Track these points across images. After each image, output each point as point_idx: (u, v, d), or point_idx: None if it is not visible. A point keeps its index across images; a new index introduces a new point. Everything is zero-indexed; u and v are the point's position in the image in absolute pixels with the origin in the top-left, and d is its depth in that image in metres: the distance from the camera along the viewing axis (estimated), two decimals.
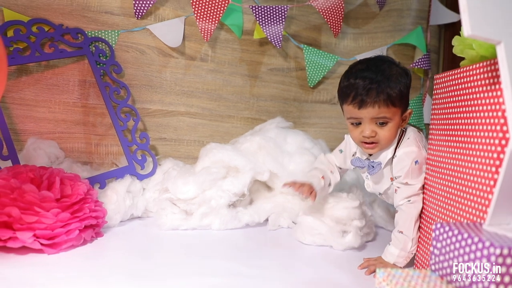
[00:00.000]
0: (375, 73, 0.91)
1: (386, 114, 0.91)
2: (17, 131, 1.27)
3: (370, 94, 0.90)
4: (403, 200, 0.92)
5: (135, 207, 1.18)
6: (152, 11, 1.39)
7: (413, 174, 0.92)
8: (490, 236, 0.52)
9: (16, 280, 0.74)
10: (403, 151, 0.94)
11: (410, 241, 0.90)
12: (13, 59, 1.19)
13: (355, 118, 0.94)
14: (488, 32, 0.55)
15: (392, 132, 0.94)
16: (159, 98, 1.44)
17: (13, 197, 0.85)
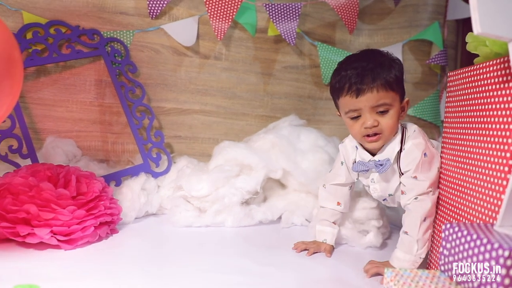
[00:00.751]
0: (366, 62, 0.87)
1: (386, 99, 0.86)
2: (36, 130, 1.31)
3: (365, 80, 0.85)
4: (410, 199, 0.87)
5: (150, 204, 1.20)
6: (166, 10, 1.41)
7: (423, 167, 0.86)
8: (500, 238, 0.51)
9: (34, 274, 0.76)
10: (412, 142, 0.88)
11: (415, 243, 0.83)
12: (31, 61, 1.23)
13: (354, 110, 0.88)
14: (499, 30, 0.54)
15: (394, 120, 0.88)
16: (174, 96, 1.46)
17: (31, 195, 0.88)
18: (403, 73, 0.91)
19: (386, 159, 0.90)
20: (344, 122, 0.93)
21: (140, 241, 1.01)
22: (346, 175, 1.01)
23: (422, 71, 1.58)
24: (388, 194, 0.95)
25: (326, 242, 0.99)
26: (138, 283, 0.76)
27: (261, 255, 0.95)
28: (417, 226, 0.84)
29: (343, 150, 1.00)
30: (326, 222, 1.01)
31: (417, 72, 1.58)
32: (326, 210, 1.02)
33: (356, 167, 0.94)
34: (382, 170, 0.90)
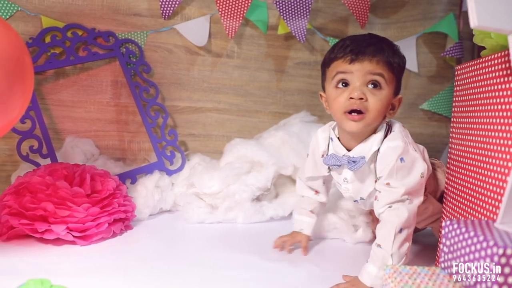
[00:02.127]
0: (370, 37, 0.81)
1: (384, 73, 0.77)
2: (57, 131, 1.36)
3: (366, 50, 0.76)
4: (384, 207, 0.77)
5: (164, 201, 1.23)
6: (178, 11, 1.43)
7: (398, 174, 0.77)
8: (498, 235, 0.51)
9: (51, 268, 0.80)
10: (387, 145, 0.79)
11: (389, 257, 0.73)
12: (50, 63, 1.27)
13: (343, 72, 0.77)
14: (498, 22, 0.53)
15: (383, 105, 0.77)
16: (187, 95, 1.49)
17: (48, 193, 0.92)
18: (404, 70, 0.84)
19: (361, 156, 0.80)
20: None
21: (153, 237, 1.04)
22: (312, 168, 0.93)
23: (437, 64, 1.55)
24: (359, 197, 0.87)
25: (303, 232, 0.96)
26: (150, 278, 0.79)
27: (271, 251, 0.96)
28: (391, 238, 0.74)
29: (315, 141, 0.92)
30: (304, 211, 0.97)
31: (432, 65, 1.55)
32: (304, 199, 0.98)
33: (328, 160, 0.84)
34: (354, 167, 0.80)
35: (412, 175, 0.78)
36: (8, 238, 0.92)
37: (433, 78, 1.56)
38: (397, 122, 0.85)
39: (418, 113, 1.59)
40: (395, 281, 0.55)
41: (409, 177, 0.78)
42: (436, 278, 0.56)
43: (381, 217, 0.78)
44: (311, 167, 0.93)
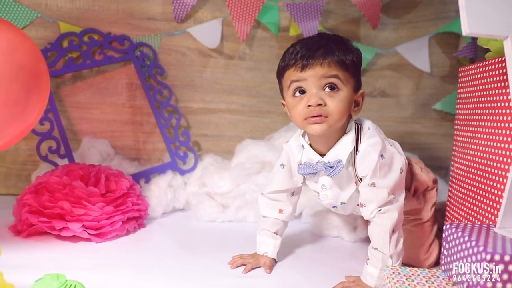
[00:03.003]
0: (319, 38, 0.78)
1: (339, 74, 0.74)
2: (74, 132, 1.41)
3: (315, 54, 0.73)
4: (373, 211, 0.76)
5: (177, 200, 1.26)
6: (191, 14, 1.46)
7: (382, 171, 0.75)
8: (493, 240, 0.52)
9: (67, 263, 0.85)
10: (367, 143, 0.76)
11: (389, 258, 0.74)
12: (68, 67, 1.32)
13: (297, 81, 0.75)
14: (491, 28, 0.54)
15: (344, 105, 0.74)
16: (200, 96, 1.52)
17: (65, 192, 0.96)
18: (361, 63, 0.81)
19: (337, 160, 0.77)
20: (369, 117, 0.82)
21: (166, 235, 1.08)
22: (285, 180, 0.88)
23: (450, 64, 1.54)
24: (340, 203, 0.84)
25: (267, 255, 0.88)
26: (162, 275, 0.83)
27: (280, 250, 0.98)
28: (387, 241, 0.74)
29: (288, 150, 0.87)
30: (267, 232, 0.90)
31: (445, 65, 1.54)
32: (267, 220, 0.91)
33: (303, 169, 0.81)
34: (333, 173, 0.77)
35: (393, 172, 0.76)
36: (28, 235, 0.96)
37: (446, 78, 1.55)
38: (366, 120, 0.83)
39: (430, 114, 1.58)
40: (392, 282, 0.57)
41: (390, 174, 0.76)
42: (434, 280, 0.58)
43: (373, 221, 0.77)
44: (285, 179, 0.88)
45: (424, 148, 1.58)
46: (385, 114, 1.59)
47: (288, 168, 0.87)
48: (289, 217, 0.91)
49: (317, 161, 0.80)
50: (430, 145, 1.59)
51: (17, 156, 1.38)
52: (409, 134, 1.58)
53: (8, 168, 1.38)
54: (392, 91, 1.59)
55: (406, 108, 1.58)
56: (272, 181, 0.90)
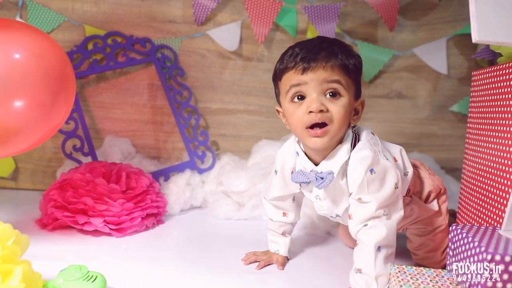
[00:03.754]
0: (320, 40, 0.73)
1: (341, 79, 0.70)
2: (97, 130, 1.46)
3: (318, 56, 0.69)
4: (358, 225, 0.70)
5: (194, 198, 1.30)
6: (211, 17, 1.50)
7: (370, 187, 0.69)
8: (496, 241, 0.53)
9: (89, 256, 0.89)
10: (355, 157, 0.71)
11: (373, 281, 0.65)
12: (92, 69, 1.38)
13: (297, 85, 0.70)
14: (500, 36, 0.55)
15: (346, 111, 0.70)
16: (219, 97, 1.55)
17: (87, 189, 1.01)
18: (362, 70, 0.77)
19: (329, 171, 0.72)
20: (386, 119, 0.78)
21: (183, 231, 1.11)
22: (281, 187, 0.84)
23: (468, 66, 1.53)
24: (335, 215, 0.80)
25: (279, 253, 0.89)
26: (179, 269, 0.86)
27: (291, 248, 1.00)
28: (372, 260, 0.66)
29: (281, 156, 0.83)
30: (275, 233, 0.90)
31: (463, 67, 1.53)
32: (273, 222, 0.90)
33: (296, 177, 0.76)
34: (322, 185, 0.72)
35: (385, 187, 0.70)
36: (53, 228, 1.02)
37: (463, 80, 1.54)
38: (365, 129, 0.78)
39: (448, 115, 1.57)
40: (397, 280, 0.58)
41: (382, 190, 0.70)
42: (439, 279, 0.59)
43: (357, 237, 0.70)
44: (279, 185, 0.84)
45: (441, 150, 1.58)
46: (402, 115, 1.59)
47: (282, 175, 0.84)
48: (294, 220, 0.89)
49: (310, 170, 0.76)
50: (447, 146, 1.58)
51: (44, 154, 1.44)
52: (426, 136, 1.58)
53: (35, 165, 1.45)
54: (409, 93, 1.59)
55: (423, 110, 1.58)
56: (270, 187, 0.87)
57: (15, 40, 0.75)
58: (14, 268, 0.52)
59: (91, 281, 0.66)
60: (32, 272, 0.57)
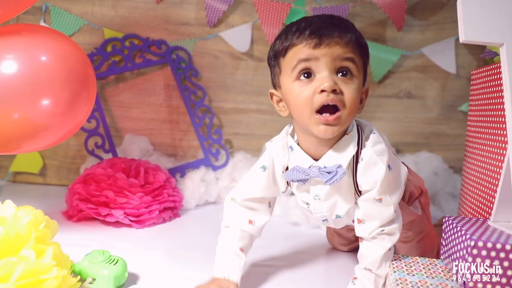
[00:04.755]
0: (330, 17, 0.65)
1: (355, 57, 0.62)
2: (117, 129, 1.54)
3: (334, 30, 0.61)
4: (374, 231, 0.66)
5: (209, 194, 1.37)
6: (223, 19, 1.56)
7: (391, 185, 0.65)
8: (483, 231, 0.58)
9: (110, 244, 0.95)
10: (373, 150, 0.64)
11: (381, 279, 0.65)
12: (111, 70, 1.46)
13: (307, 60, 0.61)
14: (487, 36, 0.59)
15: (358, 96, 0.63)
16: (232, 97, 1.61)
17: (109, 183, 1.09)
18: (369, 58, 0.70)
19: (337, 165, 0.64)
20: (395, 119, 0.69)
21: (198, 225, 1.18)
22: (266, 186, 0.73)
23: (477, 65, 1.55)
24: (335, 216, 0.71)
25: (229, 279, 0.71)
26: (192, 259, 0.92)
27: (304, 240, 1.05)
28: (384, 263, 0.65)
29: (272, 151, 0.72)
30: (231, 250, 0.73)
31: (472, 66, 1.55)
32: (230, 232, 0.74)
33: (291, 175, 0.67)
34: (333, 180, 0.63)
35: (400, 186, 0.68)
36: (78, 219, 1.09)
37: None
38: (366, 122, 0.72)
39: (457, 115, 1.60)
40: (392, 267, 0.63)
41: (399, 189, 0.67)
42: (432, 268, 0.64)
43: (371, 240, 0.67)
44: (263, 185, 0.73)
45: (450, 150, 1.60)
46: (411, 115, 1.62)
47: (271, 172, 0.73)
48: (258, 232, 0.76)
49: (309, 165, 0.67)
50: (456, 146, 1.60)
51: (68, 151, 1.53)
52: (435, 135, 1.61)
53: (60, 162, 1.54)
54: (418, 93, 1.62)
55: (432, 110, 1.61)
56: (248, 186, 0.75)
57: (41, 44, 0.82)
58: (46, 248, 0.59)
59: (113, 264, 0.73)
60: (61, 252, 0.64)
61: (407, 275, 0.60)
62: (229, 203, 0.77)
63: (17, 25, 0.91)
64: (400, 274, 0.60)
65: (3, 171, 1.53)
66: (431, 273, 0.61)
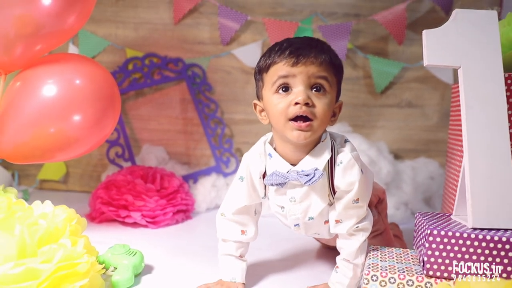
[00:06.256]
0: (309, 39, 0.74)
1: (329, 76, 0.71)
2: (136, 140, 1.67)
3: (310, 51, 0.70)
4: (350, 228, 0.74)
5: (219, 198, 1.48)
6: (235, 38, 1.68)
7: (365, 186, 0.74)
8: (442, 222, 0.67)
9: (129, 243, 1.03)
10: (351, 155, 0.73)
11: (359, 268, 0.74)
12: (132, 86, 1.60)
13: (284, 77, 0.70)
14: (447, 59, 0.69)
15: (329, 109, 0.71)
16: (243, 109, 1.72)
17: (128, 188, 1.21)
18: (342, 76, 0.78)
19: (314, 168, 0.72)
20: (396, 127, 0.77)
21: (208, 226, 1.28)
22: (247, 195, 0.80)
23: None
24: (308, 218, 0.78)
25: (236, 280, 0.80)
26: (202, 257, 1.01)
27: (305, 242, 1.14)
28: (360, 253, 0.74)
29: (248, 161, 0.79)
30: (231, 257, 0.82)
31: None
32: (228, 244, 0.83)
33: (271, 180, 0.73)
34: (312, 182, 0.70)
35: (370, 187, 0.78)
36: (100, 221, 1.22)
37: None
38: (336, 132, 0.81)
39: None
40: (369, 255, 0.72)
41: (369, 190, 0.77)
42: (404, 256, 0.73)
43: (347, 237, 0.76)
44: (245, 193, 0.80)
45: None
46: (411, 123, 1.70)
47: (249, 181, 0.79)
48: (252, 238, 0.84)
49: (287, 170, 0.74)
50: None
51: (90, 160, 1.67)
52: (434, 142, 1.68)
53: (82, 170, 1.68)
54: (418, 102, 1.70)
55: (432, 118, 1.68)
56: (232, 199, 0.82)
57: (75, 70, 0.96)
58: (78, 239, 0.71)
59: (132, 255, 0.85)
60: (89, 244, 0.76)
61: (380, 261, 0.69)
62: (220, 218, 0.85)
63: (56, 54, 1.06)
64: (374, 260, 0.69)
65: (31, 178, 1.69)
66: (401, 260, 0.69)
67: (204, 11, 1.66)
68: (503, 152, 0.65)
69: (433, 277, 0.62)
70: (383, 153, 1.50)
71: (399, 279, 0.63)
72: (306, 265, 0.98)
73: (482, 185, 0.65)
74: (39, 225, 0.68)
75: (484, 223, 0.64)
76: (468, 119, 0.67)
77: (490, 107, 0.67)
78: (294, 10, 1.68)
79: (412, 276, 0.63)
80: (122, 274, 0.81)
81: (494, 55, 0.69)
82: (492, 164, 0.65)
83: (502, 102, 0.67)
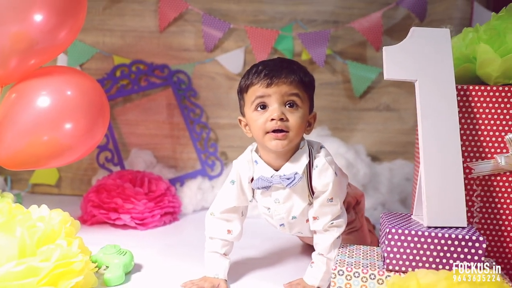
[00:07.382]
0: (281, 61, 0.85)
1: (299, 93, 0.81)
2: (124, 144, 1.73)
3: (282, 72, 0.80)
4: (326, 224, 0.83)
5: (205, 200, 1.54)
6: (219, 45, 1.74)
7: (339, 188, 0.84)
8: (401, 221, 0.75)
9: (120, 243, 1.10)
10: (326, 160, 0.83)
11: (331, 261, 0.82)
12: (120, 92, 1.65)
13: (261, 97, 0.80)
14: (405, 73, 0.77)
15: (302, 122, 0.81)
16: (227, 114, 1.78)
17: (118, 191, 1.27)
18: (315, 88, 0.89)
19: (294, 172, 0.82)
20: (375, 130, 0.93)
21: (195, 227, 1.35)
22: (237, 197, 0.89)
23: None
24: (291, 217, 0.87)
25: (218, 277, 0.88)
26: (189, 256, 1.07)
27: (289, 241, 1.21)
28: (333, 248, 0.83)
29: (238, 167, 0.90)
30: (216, 254, 0.90)
31: None
32: (215, 241, 0.91)
33: (257, 183, 0.84)
34: (292, 184, 0.81)
35: (343, 188, 0.88)
36: (91, 223, 1.28)
37: None
38: (312, 140, 0.91)
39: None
40: (338, 252, 0.80)
41: (343, 190, 0.87)
42: (370, 253, 0.80)
43: (323, 232, 0.84)
44: (235, 196, 0.89)
45: None
46: (389, 126, 1.78)
47: (239, 185, 0.89)
48: (237, 238, 0.92)
49: (271, 175, 0.84)
50: None
51: (81, 164, 1.72)
52: (411, 144, 1.76)
53: (73, 174, 1.73)
54: (395, 106, 1.78)
55: (409, 121, 1.77)
56: (222, 200, 0.91)
57: (67, 82, 1.03)
58: (73, 240, 0.78)
59: (123, 255, 0.91)
60: (83, 244, 0.83)
61: (347, 258, 0.76)
62: (209, 217, 0.93)
63: (48, 67, 1.12)
64: (341, 257, 0.77)
65: (24, 183, 1.74)
66: (367, 256, 0.77)
67: (188, 19, 1.72)
68: (454, 158, 0.74)
69: (393, 271, 0.70)
70: (361, 156, 1.58)
71: (362, 273, 0.71)
72: (286, 262, 1.05)
73: (436, 188, 0.72)
74: (38, 227, 0.75)
75: (438, 222, 0.72)
76: (423, 128, 0.75)
77: (443, 117, 0.75)
78: (275, 17, 1.75)
79: (374, 270, 0.71)
80: (114, 272, 0.87)
81: (447, 70, 0.77)
82: (445, 169, 0.73)
83: (454, 112, 0.75)
